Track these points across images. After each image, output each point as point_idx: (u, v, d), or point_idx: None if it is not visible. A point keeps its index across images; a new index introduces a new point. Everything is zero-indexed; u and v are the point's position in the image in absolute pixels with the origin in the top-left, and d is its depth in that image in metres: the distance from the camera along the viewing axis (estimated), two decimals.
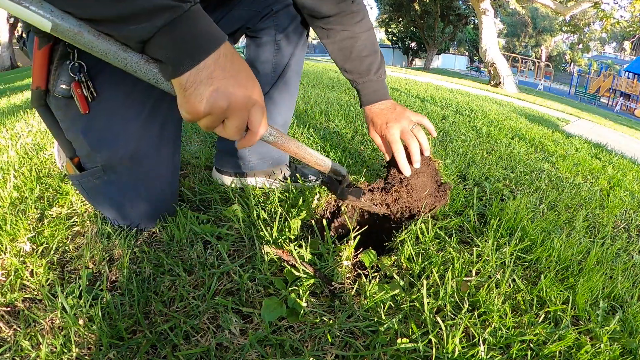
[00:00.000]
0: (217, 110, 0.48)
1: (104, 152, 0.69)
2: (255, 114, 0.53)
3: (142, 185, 0.75)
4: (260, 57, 0.91)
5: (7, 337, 0.53)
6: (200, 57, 0.46)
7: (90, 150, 0.69)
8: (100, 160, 0.70)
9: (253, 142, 0.56)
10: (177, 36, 0.45)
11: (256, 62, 0.92)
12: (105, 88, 0.66)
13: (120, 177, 0.72)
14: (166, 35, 0.44)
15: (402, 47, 24.07)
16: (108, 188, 0.73)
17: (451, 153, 1.47)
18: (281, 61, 0.92)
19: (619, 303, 0.74)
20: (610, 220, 1.14)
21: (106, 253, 0.71)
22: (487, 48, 10.75)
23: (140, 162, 0.72)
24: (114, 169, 0.71)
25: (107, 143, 0.69)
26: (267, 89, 0.93)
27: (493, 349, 0.56)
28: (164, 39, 0.45)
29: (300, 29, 0.92)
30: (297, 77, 0.97)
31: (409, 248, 0.72)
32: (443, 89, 5.23)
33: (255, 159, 0.98)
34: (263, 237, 0.74)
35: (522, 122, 2.95)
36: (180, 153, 0.83)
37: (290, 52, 0.92)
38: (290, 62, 0.92)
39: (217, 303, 0.59)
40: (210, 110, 0.48)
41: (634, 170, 1.93)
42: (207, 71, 0.47)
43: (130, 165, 0.71)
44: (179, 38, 0.45)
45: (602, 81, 16.82)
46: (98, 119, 0.67)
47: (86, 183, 0.73)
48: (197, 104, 0.47)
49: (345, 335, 0.56)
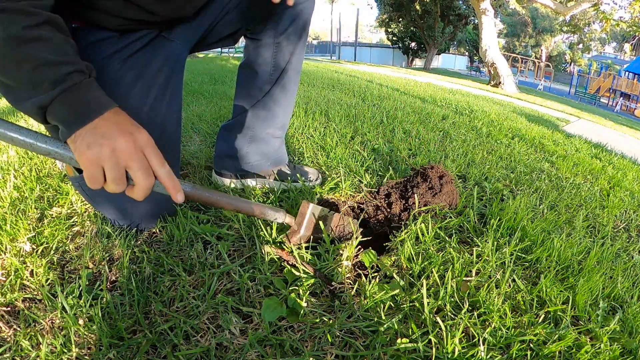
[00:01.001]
0: (104, 152, 0.49)
1: None
2: (151, 155, 0.52)
3: None
4: (259, 58, 0.91)
5: (7, 337, 0.53)
6: (89, 118, 0.50)
7: None
8: None
9: (166, 182, 0.53)
10: (72, 102, 0.50)
11: (255, 63, 0.92)
12: (105, 89, 0.66)
13: None
14: (63, 100, 0.49)
15: (402, 47, 24.06)
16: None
17: (451, 153, 1.47)
18: (281, 62, 0.92)
19: (619, 303, 0.74)
20: (610, 220, 1.14)
21: (106, 253, 0.71)
22: (487, 48, 10.74)
23: None
24: None
25: None
26: (267, 88, 0.93)
27: (493, 349, 0.56)
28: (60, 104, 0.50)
29: (300, 30, 0.92)
30: (297, 77, 0.97)
31: (409, 248, 0.72)
32: (443, 89, 5.23)
33: (256, 160, 0.98)
34: (263, 237, 0.74)
35: (522, 122, 2.95)
36: (180, 153, 0.83)
37: (290, 52, 0.92)
38: (290, 61, 0.93)
39: (217, 303, 0.59)
40: (98, 154, 0.48)
41: (634, 170, 1.93)
42: (93, 127, 0.50)
43: None
44: (74, 103, 0.50)
45: (602, 81, 16.83)
46: None
47: (85, 184, 0.72)
48: (85, 151, 0.49)
49: (345, 335, 0.56)
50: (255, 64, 0.92)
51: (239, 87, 0.98)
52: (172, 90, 0.76)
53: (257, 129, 0.97)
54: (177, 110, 0.78)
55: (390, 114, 2.12)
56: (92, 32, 0.66)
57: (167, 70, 0.75)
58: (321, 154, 1.27)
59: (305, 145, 1.35)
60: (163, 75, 0.74)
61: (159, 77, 0.73)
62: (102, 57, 0.66)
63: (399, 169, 1.21)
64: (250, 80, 0.95)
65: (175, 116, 0.78)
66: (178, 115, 0.79)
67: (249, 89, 0.95)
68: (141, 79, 0.70)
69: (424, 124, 2.01)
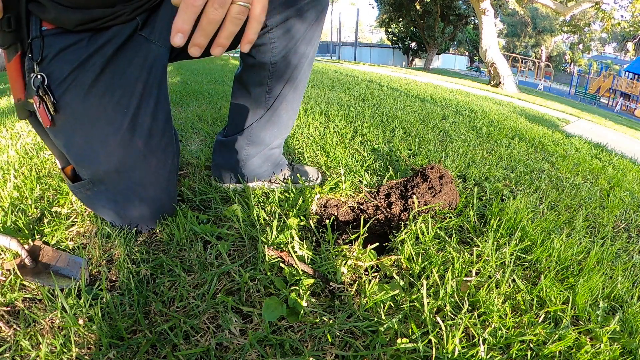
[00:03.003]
0: None
1: (86, 167, 0.68)
2: None
3: (135, 194, 0.73)
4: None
5: (7, 337, 0.53)
6: None
7: (75, 164, 0.69)
8: (86, 174, 0.69)
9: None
10: None
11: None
12: (77, 103, 0.63)
13: (109, 188, 0.71)
14: None
15: (402, 47, 24.06)
16: (100, 198, 0.72)
17: (451, 153, 1.47)
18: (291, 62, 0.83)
19: (619, 303, 0.74)
20: (610, 220, 1.14)
21: (106, 253, 0.71)
22: (487, 48, 10.74)
23: (129, 174, 0.70)
24: (102, 181, 0.70)
25: (88, 159, 0.67)
26: (263, 112, 0.88)
27: (493, 349, 0.56)
28: None
29: (311, 32, 0.82)
30: (301, 94, 0.91)
31: (409, 248, 0.72)
32: (443, 89, 5.23)
33: (255, 165, 0.96)
34: (263, 237, 0.74)
35: (522, 122, 2.95)
36: (177, 156, 0.80)
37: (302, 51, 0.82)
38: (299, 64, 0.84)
39: (217, 303, 0.59)
40: None
41: (634, 171, 1.93)
42: None
43: (118, 178, 0.70)
44: None
45: (602, 81, 16.82)
46: (76, 134, 0.65)
47: (79, 193, 0.73)
48: None
49: (345, 335, 0.56)
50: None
51: (235, 102, 0.90)
52: (157, 97, 0.71)
53: (257, 142, 0.92)
54: (163, 119, 0.73)
55: (390, 114, 2.12)
56: (61, 36, 0.61)
57: (147, 75, 0.68)
58: (321, 154, 1.27)
59: (305, 145, 1.35)
60: (142, 82, 0.68)
61: (138, 84, 0.67)
62: (74, 66, 0.62)
63: (399, 169, 1.21)
64: (247, 99, 0.88)
65: (162, 123, 0.73)
66: (165, 124, 0.73)
67: (248, 105, 0.88)
68: (119, 87, 0.65)
69: (424, 124, 2.01)
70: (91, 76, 0.63)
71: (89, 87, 0.63)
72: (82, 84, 0.63)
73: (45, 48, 0.61)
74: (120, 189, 0.71)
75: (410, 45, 23.86)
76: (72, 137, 0.66)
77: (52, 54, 0.61)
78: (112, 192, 0.71)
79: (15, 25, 0.59)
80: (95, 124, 0.65)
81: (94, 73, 0.63)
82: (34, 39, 0.60)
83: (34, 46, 0.60)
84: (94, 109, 0.64)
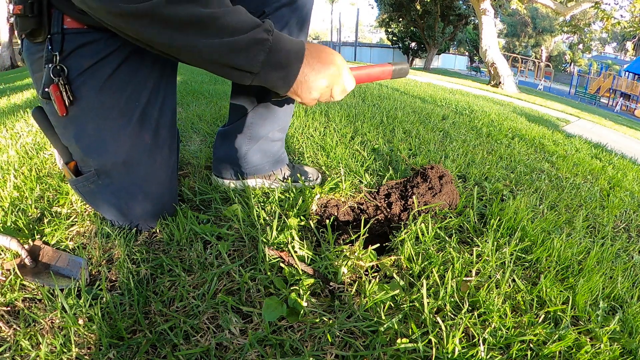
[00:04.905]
0: (324, 90, 0.68)
1: (95, 158, 0.70)
2: (346, 76, 0.71)
3: (139, 190, 0.74)
4: None
5: (7, 336, 0.53)
6: (297, 68, 0.63)
7: (83, 156, 0.70)
8: (94, 164, 0.70)
9: None
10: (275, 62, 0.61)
11: None
12: (93, 95, 0.66)
13: (114, 181, 0.72)
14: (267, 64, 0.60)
15: (402, 47, 24.04)
16: (103, 192, 0.73)
17: (451, 153, 1.47)
18: None
19: (619, 303, 0.74)
20: (610, 220, 1.14)
21: (106, 253, 0.71)
22: (487, 48, 10.74)
23: (134, 168, 0.72)
24: (108, 174, 0.71)
25: (98, 150, 0.69)
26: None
27: (493, 349, 0.56)
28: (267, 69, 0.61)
29: (297, 30, 0.88)
30: None
31: (409, 248, 0.72)
32: (443, 89, 5.23)
33: (256, 161, 0.97)
34: (263, 237, 0.74)
35: (522, 122, 2.95)
36: (178, 154, 0.82)
37: None
38: None
39: (217, 303, 0.59)
40: (320, 93, 0.68)
41: (634, 171, 1.93)
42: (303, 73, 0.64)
43: (125, 171, 0.71)
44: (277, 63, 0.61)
45: (602, 81, 16.82)
46: (88, 124, 0.67)
47: (82, 187, 0.73)
48: (310, 96, 0.68)
49: (345, 335, 0.56)
50: None
51: (235, 92, 0.94)
52: (164, 94, 0.74)
53: (256, 132, 0.95)
54: (170, 115, 0.77)
55: (390, 114, 2.12)
56: (81, 34, 0.64)
57: (158, 73, 0.73)
58: (321, 154, 1.26)
59: (305, 145, 1.35)
60: (152, 79, 0.72)
61: (149, 81, 0.71)
62: (93, 61, 0.65)
63: (399, 169, 1.21)
64: (243, 88, 0.90)
65: (169, 120, 0.77)
66: (171, 119, 0.78)
67: (245, 94, 0.92)
68: (132, 83, 0.69)
69: (424, 124, 2.01)
70: (108, 72, 0.66)
71: (105, 81, 0.66)
72: (99, 79, 0.66)
73: (65, 43, 0.64)
74: (125, 183, 0.73)
75: (410, 45, 23.86)
76: (84, 128, 0.68)
77: (71, 49, 0.64)
78: (117, 187, 0.72)
79: (38, 11, 0.62)
80: (108, 115, 0.68)
81: (111, 69, 0.67)
82: (54, 35, 0.63)
83: (53, 40, 0.63)
84: (108, 101, 0.68)
